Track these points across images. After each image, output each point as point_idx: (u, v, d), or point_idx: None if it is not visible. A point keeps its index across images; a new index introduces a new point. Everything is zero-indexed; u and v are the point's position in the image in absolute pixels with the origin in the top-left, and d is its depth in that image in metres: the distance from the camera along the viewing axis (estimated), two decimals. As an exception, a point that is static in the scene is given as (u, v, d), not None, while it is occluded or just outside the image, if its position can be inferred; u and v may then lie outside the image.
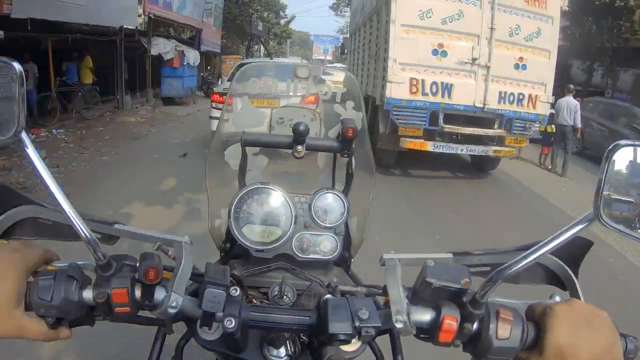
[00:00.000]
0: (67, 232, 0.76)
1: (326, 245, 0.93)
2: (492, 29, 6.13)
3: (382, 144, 6.58)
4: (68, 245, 0.75)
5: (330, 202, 0.95)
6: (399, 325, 0.61)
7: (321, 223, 0.93)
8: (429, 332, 0.63)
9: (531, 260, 0.58)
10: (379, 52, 6.75)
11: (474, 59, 6.13)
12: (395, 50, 6.07)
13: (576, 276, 0.78)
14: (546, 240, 0.58)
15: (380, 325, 0.62)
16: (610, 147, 0.56)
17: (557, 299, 0.64)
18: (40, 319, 0.61)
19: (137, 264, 0.64)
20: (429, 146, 6.28)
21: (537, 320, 0.60)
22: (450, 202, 5.82)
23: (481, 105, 6.24)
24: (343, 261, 0.99)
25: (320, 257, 0.92)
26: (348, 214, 0.95)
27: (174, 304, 0.62)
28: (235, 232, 0.90)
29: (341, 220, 0.94)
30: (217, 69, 22.03)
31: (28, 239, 0.78)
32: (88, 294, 0.62)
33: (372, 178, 1.06)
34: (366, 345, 0.73)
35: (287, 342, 0.71)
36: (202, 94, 16.86)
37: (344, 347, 0.72)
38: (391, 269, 0.70)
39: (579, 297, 0.73)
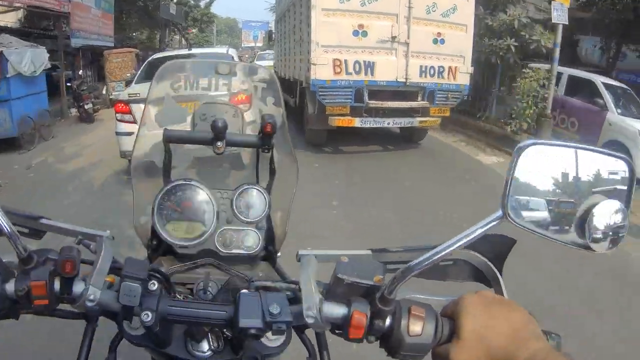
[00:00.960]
0: None
1: (249, 240, 0.95)
2: (409, 7, 6.51)
3: (311, 124, 7.00)
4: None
5: (252, 198, 0.98)
6: (309, 321, 0.63)
7: (243, 218, 0.96)
8: (341, 328, 0.64)
9: (440, 257, 0.59)
10: (303, 37, 7.06)
11: (393, 37, 6.52)
12: (317, 34, 6.41)
13: (500, 273, 0.79)
14: (456, 238, 0.60)
15: (291, 320, 0.62)
16: (518, 146, 0.57)
17: (464, 295, 0.65)
18: None
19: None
20: (357, 122, 6.71)
21: (450, 314, 0.62)
22: (383, 174, 6.24)
23: (403, 80, 6.68)
24: (269, 256, 1.00)
25: (244, 252, 0.94)
26: (269, 209, 0.97)
27: (91, 297, 0.63)
28: (159, 228, 0.92)
29: (262, 215, 0.96)
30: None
31: None
32: (10, 287, 0.62)
33: (295, 173, 1.07)
34: (289, 340, 0.73)
35: (209, 336, 0.72)
36: (76, 114, 10.73)
37: (266, 342, 0.72)
38: (305, 264, 0.72)
39: (502, 294, 0.75)
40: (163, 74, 1.12)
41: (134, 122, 5.24)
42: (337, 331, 0.65)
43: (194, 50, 7.72)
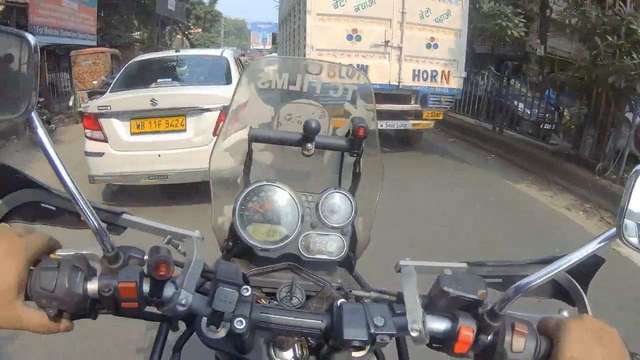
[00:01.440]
0: (69, 219, 0.74)
1: (332, 246, 0.93)
2: (403, 12, 6.68)
3: None
4: (68, 232, 0.73)
5: (338, 202, 0.94)
6: (414, 334, 0.61)
7: (328, 223, 0.93)
8: (443, 342, 0.63)
9: (549, 276, 0.59)
10: (300, 40, 7.28)
11: (386, 42, 6.71)
12: (312, 38, 6.62)
13: (585, 293, 0.78)
14: (564, 257, 0.59)
15: (395, 332, 0.61)
16: (635, 169, 0.57)
17: (565, 314, 0.66)
18: (41, 309, 0.58)
19: (146, 257, 0.62)
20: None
21: (549, 334, 0.61)
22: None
23: (396, 83, 6.86)
24: (347, 262, 0.98)
25: (327, 257, 0.92)
26: (356, 214, 0.94)
27: (183, 302, 0.60)
28: (240, 230, 0.90)
29: (348, 220, 0.94)
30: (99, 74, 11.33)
31: (28, 223, 0.73)
32: (93, 286, 0.60)
33: (380, 178, 1.04)
34: (373, 352, 0.72)
35: (295, 345, 0.70)
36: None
37: (353, 353, 0.71)
38: (407, 276, 0.70)
39: (587, 313, 0.74)
40: (251, 71, 1.14)
41: (105, 140, 4.58)
42: (435, 345, 0.64)
43: (182, 52, 6.58)
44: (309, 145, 0.92)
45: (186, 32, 27.86)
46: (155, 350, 0.75)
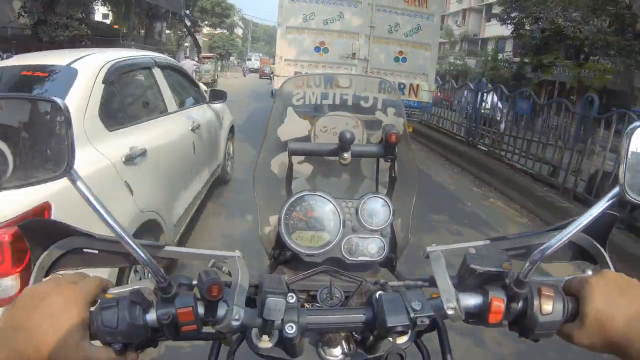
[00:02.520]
0: (112, 259, 0.79)
1: (373, 247, 0.98)
2: (371, 27, 6.98)
3: None
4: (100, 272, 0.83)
5: (376, 206, 1.00)
6: (450, 312, 0.66)
7: (368, 226, 0.98)
8: (477, 316, 0.67)
9: (566, 239, 0.63)
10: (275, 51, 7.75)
11: (353, 54, 7.01)
12: (281, 49, 7.04)
13: (604, 249, 0.81)
14: (577, 219, 0.63)
15: (433, 314, 0.65)
16: (632, 126, 0.61)
17: (589, 273, 0.69)
18: (106, 346, 0.61)
19: (195, 282, 0.67)
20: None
21: (574, 293, 0.65)
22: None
23: (353, 103, 7.10)
24: (389, 262, 1.02)
25: (368, 258, 0.97)
26: (394, 217, 0.99)
27: (236, 317, 0.65)
28: (286, 238, 0.95)
29: (387, 222, 0.98)
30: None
31: (75, 269, 0.76)
32: (152, 317, 0.63)
33: (415, 180, 1.09)
34: (414, 338, 0.76)
35: (342, 341, 0.74)
36: None
37: (397, 340, 0.75)
38: (436, 260, 0.75)
39: (609, 269, 0.77)
40: (285, 88, 1.19)
41: None
42: (470, 320, 0.69)
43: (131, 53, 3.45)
44: (345, 154, 0.97)
45: (189, 28, 21.10)
46: None
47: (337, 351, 0.75)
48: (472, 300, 0.67)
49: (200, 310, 0.65)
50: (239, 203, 5.07)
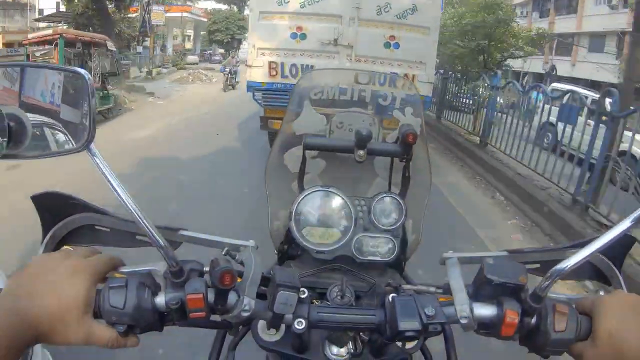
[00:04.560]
0: (124, 239, 0.79)
1: (384, 248, 0.96)
2: (357, 8, 6.00)
3: (262, 126, 6.75)
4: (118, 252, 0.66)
5: (389, 206, 0.98)
6: (463, 321, 0.65)
7: (380, 226, 0.97)
8: (490, 327, 0.66)
9: (585, 258, 0.62)
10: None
11: (335, 40, 6.05)
12: (254, 37, 6.21)
13: (619, 271, 0.81)
14: (597, 240, 0.62)
15: (445, 321, 0.64)
16: None
17: (602, 293, 0.82)
18: (110, 326, 0.60)
19: (206, 269, 0.66)
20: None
21: (587, 312, 0.65)
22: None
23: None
24: (397, 263, 1.01)
25: (378, 259, 0.96)
26: (406, 217, 0.98)
27: (246, 307, 0.64)
28: (297, 233, 0.94)
29: (399, 223, 0.97)
30: None
31: (85, 246, 0.77)
32: (160, 300, 0.62)
33: (429, 182, 1.08)
34: (422, 343, 0.76)
35: (350, 341, 0.74)
36: None
37: (400, 345, 0.75)
38: (452, 267, 0.75)
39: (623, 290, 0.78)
40: (304, 81, 1.18)
41: None
42: (482, 331, 0.67)
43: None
44: (360, 152, 0.96)
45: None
46: (213, 354, 0.82)
47: (344, 351, 0.74)
48: (485, 311, 0.66)
49: (211, 297, 0.63)
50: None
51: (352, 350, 0.73)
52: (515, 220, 5.55)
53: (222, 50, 35.72)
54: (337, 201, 0.96)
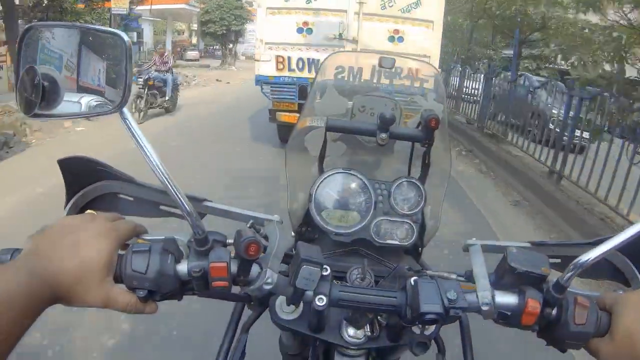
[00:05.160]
0: (147, 208, 0.78)
1: (402, 232, 0.96)
2: (360, 3, 6.13)
3: (270, 119, 6.92)
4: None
5: (409, 190, 0.98)
6: (484, 308, 0.65)
7: (400, 210, 0.96)
8: (509, 316, 0.66)
9: (607, 251, 0.62)
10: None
11: (340, 34, 6.19)
12: (261, 31, 6.40)
13: (638, 271, 0.80)
14: (617, 236, 0.62)
15: (467, 306, 0.64)
16: None
17: (621, 292, 0.68)
18: (130, 291, 0.60)
19: (229, 241, 0.67)
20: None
21: (607, 308, 0.64)
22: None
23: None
24: (414, 249, 1.01)
25: (397, 242, 0.95)
26: (425, 202, 0.98)
27: (269, 281, 0.63)
28: (316, 215, 0.94)
29: (419, 208, 0.97)
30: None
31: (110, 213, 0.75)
32: (183, 268, 0.62)
33: (448, 168, 1.08)
34: (438, 330, 0.75)
35: (367, 323, 0.73)
36: None
37: (416, 330, 0.73)
38: (475, 254, 0.75)
39: None
40: (328, 63, 1.15)
41: None
42: (501, 320, 0.67)
43: None
44: (383, 135, 0.95)
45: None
46: (229, 329, 0.81)
47: (361, 333, 0.72)
48: (507, 299, 0.66)
49: (234, 268, 0.63)
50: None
51: (369, 333, 0.73)
52: None
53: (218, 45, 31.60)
54: (357, 184, 0.96)
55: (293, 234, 1.04)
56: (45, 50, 0.63)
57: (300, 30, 6.29)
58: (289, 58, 6.34)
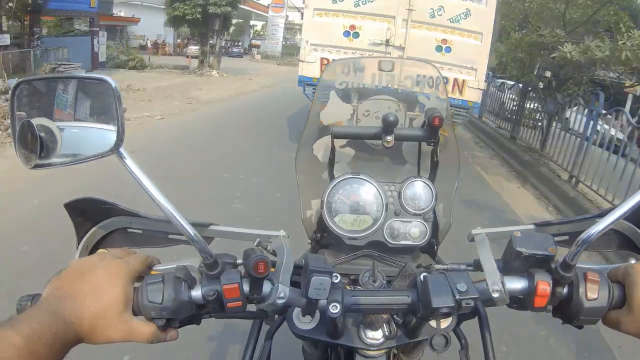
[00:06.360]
0: (156, 239, 0.81)
1: (415, 232, 0.96)
2: (409, 10, 6.04)
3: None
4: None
5: (419, 190, 0.98)
6: (495, 295, 0.65)
7: (411, 210, 0.97)
8: (522, 300, 0.67)
9: (612, 222, 0.61)
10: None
11: (387, 40, 6.09)
12: (307, 32, 6.33)
13: None
14: (622, 206, 0.61)
15: (478, 296, 0.64)
16: None
17: (633, 261, 0.69)
18: (149, 322, 0.62)
19: (240, 261, 0.68)
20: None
21: (620, 280, 0.64)
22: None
23: (395, 87, 6.11)
24: (430, 247, 1.01)
25: (411, 243, 0.96)
26: (436, 201, 0.98)
27: (281, 295, 0.64)
28: (329, 221, 0.94)
29: (430, 206, 0.97)
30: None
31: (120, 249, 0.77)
32: (197, 293, 0.64)
33: (457, 164, 1.08)
34: (454, 323, 0.76)
35: (384, 324, 0.74)
36: None
37: (434, 324, 0.74)
38: (481, 242, 0.75)
39: None
40: (329, 71, 1.18)
41: None
42: (514, 305, 0.68)
43: None
44: (388, 137, 0.95)
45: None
46: (250, 344, 0.82)
47: (379, 334, 0.73)
48: (517, 284, 0.66)
49: (246, 287, 0.64)
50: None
51: (387, 333, 0.73)
52: None
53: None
54: (367, 187, 0.96)
55: (309, 241, 1.05)
56: (38, 103, 0.66)
57: (346, 34, 6.19)
58: (350, 58, 6.22)
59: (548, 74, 7.19)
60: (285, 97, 12.40)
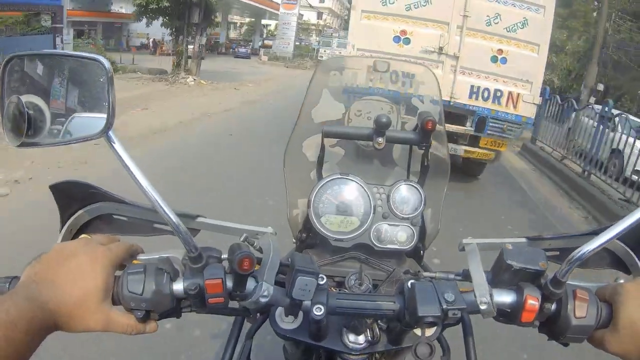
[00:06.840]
0: (141, 227, 0.79)
1: (403, 236, 0.95)
2: (465, 16, 5.63)
3: None
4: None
5: (408, 194, 0.97)
6: (483, 307, 0.64)
7: (399, 214, 0.95)
8: (509, 314, 0.66)
9: (604, 243, 0.60)
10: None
11: (440, 48, 5.68)
12: (354, 36, 5.85)
13: (639, 259, 0.79)
14: (615, 225, 0.60)
15: (465, 307, 0.63)
16: None
17: (621, 281, 0.66)
18: (128, 312, 0.61)
19: (224, 256, 0.67)
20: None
21: (608, 299, 0.63)
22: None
23: (448, 99, 5.74)
24: (416, 252, 1.00)
25: (397, 247, 0.94)
26: (425, 205, 0.96)
27: (265, 293, 0.63)
28: (315, 222, 0.93)
29: (418, 211, 0.96)
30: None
31: (103, 234, 0.75)
32: (179, 286, 0.62)
33: (447, 170, 1.07)
34: (439, 332, 0.74)
35: (367, 329, 0.73)
36: None
37: (418, 332, 0.72)
38: (472, 253, 0.74)
39: None
40: (322, 69, 1.13)
41: None
42: (501, 318, 0.67)
43: None
44: (380, 139, 0.95)
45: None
46: (230, 342, 0.80)
47: (362, 338, 0.72)
48: (505, 297, 0.66)
49: (229, 283, 0.64)
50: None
51: (370, 339, 0.72)
52: None
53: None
54: (355, 189, 0.94)
55: (294, 240, 1.03)
56: (28, 79, 0.63)
57: (397, 39, 5.77)
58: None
59: (601, 87, 6.76)
60: (274, 122, 8.56)
